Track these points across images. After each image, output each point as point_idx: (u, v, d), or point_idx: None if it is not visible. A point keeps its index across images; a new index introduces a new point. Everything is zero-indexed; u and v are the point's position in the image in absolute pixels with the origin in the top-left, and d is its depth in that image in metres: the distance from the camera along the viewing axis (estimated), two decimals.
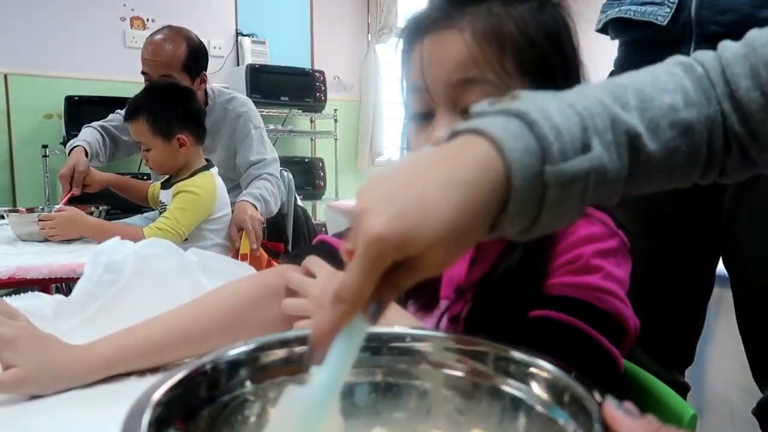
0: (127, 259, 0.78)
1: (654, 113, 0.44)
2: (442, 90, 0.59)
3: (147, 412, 0.36)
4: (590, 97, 0.43)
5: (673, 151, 0.44)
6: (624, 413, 0.33)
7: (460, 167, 0.37)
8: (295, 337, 0.49)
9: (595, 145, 0.40)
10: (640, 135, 0.42)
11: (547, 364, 0.43)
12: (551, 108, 0.40)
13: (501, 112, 0.40)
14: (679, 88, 0.45)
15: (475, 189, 0.36)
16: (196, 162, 1.67)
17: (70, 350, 0.61)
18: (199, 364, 0.43)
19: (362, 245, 0.35)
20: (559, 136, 0.39)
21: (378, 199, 0.36)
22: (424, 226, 0.35)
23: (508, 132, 0.38)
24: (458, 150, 0.39)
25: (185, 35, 1.92)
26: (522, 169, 0.37)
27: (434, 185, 0.36)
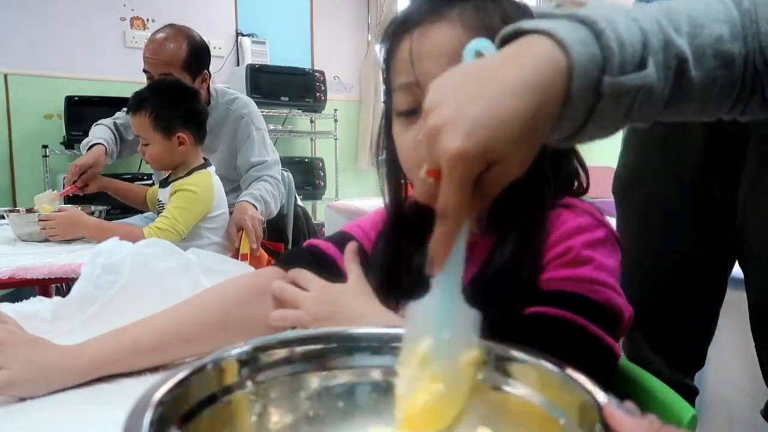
0: (126, 260, 0.78)
1: (702, 41, 0.44)
2: None
3: (148, 412, 0.36)
4: (649, 16, 0.43)
5: (713, 80, 0.45)
6: (625, 413, 0.33)
7: (529, 70, 0.38)
8: (295, 337, 0.49)
9: (650, 63, 0.41)
10: (687, 60, 0.43)
11: (548, 364, 0.43)
12: (618, 20, 0.40)
13: (569, 16, 0.41)
14: (727, 18, 0.46)
15: (544, 93, 0.38)
16: (194, 161, 1.67)
17: (59, 352, 0.60)
18: (200, 364, 0.43)
19: (446, 164, 0.37)
20: (622, 49, 0.40)
21: (452, 113, 0.37)
22: (499, 136, 0.36)
23: (576, 37, 0.39)
24: (525, 50, 0.39)
25: (187, 34, 1.92)
26: (583, 75, 0.38)
27: (506, 92, 0.37)
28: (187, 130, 1.61)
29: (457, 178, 0.37)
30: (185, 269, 0.85)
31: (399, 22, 0.63)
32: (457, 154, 0.36)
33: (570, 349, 0.50)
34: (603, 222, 0.60)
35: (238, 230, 1.75)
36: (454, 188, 0.37)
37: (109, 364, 0.61)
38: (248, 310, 0.69)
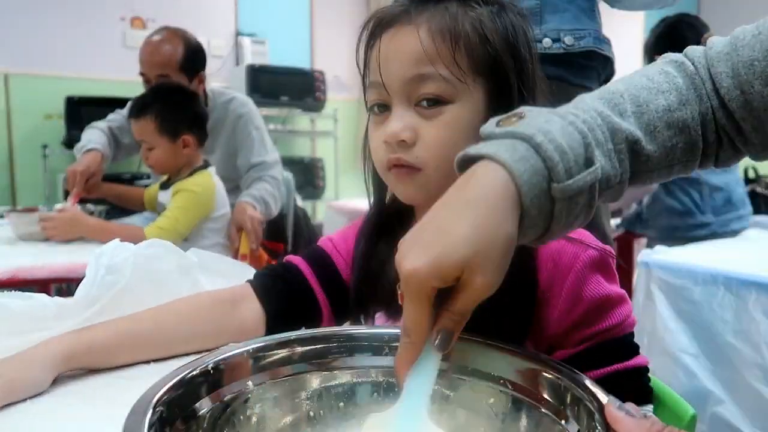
0: (128, 261, 0.78)
1: (650, 116, 0.47)
2: (398, 85, 0.60)
3: (148, 413, 0.36)
4: (589, 110, 0.45)
5: (670, 149, 0.47)
6: (625, 415, 0.33)
7: (473, 192, 0.41)
8: (296, 337, 0.49)
9: (597, 157, 0.43)
10: (639, 140, 0.46)
11: (549, 365, 0.43)
12: (554, 129, 0.43)
13: (508, 134, 0.43)
14: (672, 87, 0.48)
15: (489, 205, 0.40)
16: (195, 162, 1.68)
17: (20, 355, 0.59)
18: (200, 364, 0.43)
19: (403, 284, 0.40)
20: (564, 156, 0.42)
21: (409, 244, 0.41)
22: (449, 249, 0.39)
23: (516, 155, 0.41)
24: (472, 176, 0.42)
25: (182, 36, 1.92)
26: (530, 189, 0.41)
27: (450, 213, 0.40)
28: (191, 133, 1.62)
29: (413, 296, 0.39)
30: (185, 270, 0.85)
31: (374, 23, 0.64)
32: (408, 274, 0.39)
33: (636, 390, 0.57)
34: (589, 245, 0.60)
35: (238, 231, 1.75)
36: (410, 305, 0.40)
37: (69, 360, 0.60)
38: (216, 323, 0.68)
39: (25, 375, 0.57)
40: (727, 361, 1.39)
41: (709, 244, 1.85)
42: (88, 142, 1.90)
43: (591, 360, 0.57)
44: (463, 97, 0.60)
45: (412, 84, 0.60)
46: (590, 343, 0.58)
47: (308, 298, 0.71)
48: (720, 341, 1.41)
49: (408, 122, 0.60)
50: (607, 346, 0.58)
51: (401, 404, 0.41)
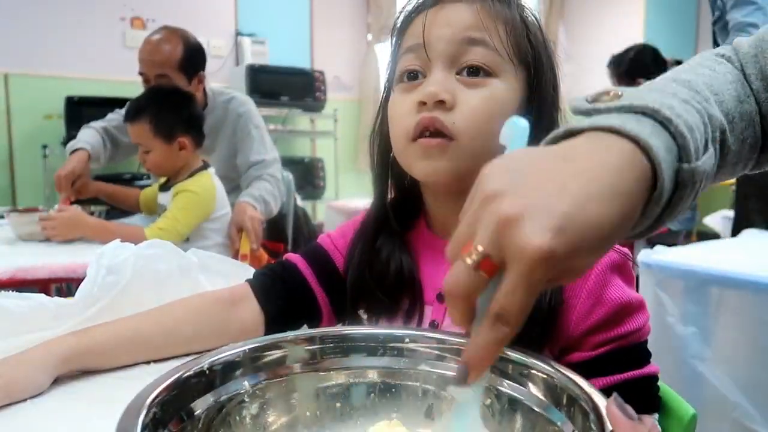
0: (128, 261, 0.78)
1: (728, 106, 0.43)
2: (445, 46, 0.60)
3: (142, 414, 0.35)
4: (683, 93, 0.41)
5: (742, 142, 0.44)
6: (625, 418, 0.33)
7: (615, 175, 0.34)
8: (291, 337, 0.49)
9: (709, 143, 0.39)
10: (725, 129, 0.42)
11: (545, 365, 0.43)
12: (674, 104, 0.38)
13: (623, 108, 0.38)
14: (736, 78, 0.45)
15: (634, 200, 0.34)
16: (194, 164, 1.68)
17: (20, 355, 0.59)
18: (195, 365, 0.43)
19: (526, 264, 0.31)
20: (692, 134, 0.37)
21: (531, 204, 0.32)
22: (588, 240, 0.32)
23: (646, 129, 0.35)
24: (600, 152, 0.35)
25: (182, 35, 1.92)
26: (668, 169, 0.35)
27: (595, 197, 0.32)
28: (187, 135, 1.62)
29: (534, 282, 0.31)
30: (185, 270, 0.85)
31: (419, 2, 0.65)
32: (542, 254, 0.30)
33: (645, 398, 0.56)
34: None
35: (239, 231, 1.75)
36: (525, 292, 0.31)
37: (69, 361, 0.60)
38: (216, 324, 0.69)
39: (25, 375, 0.57)
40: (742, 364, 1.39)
41: (709, 245, 1.85)
42: (77, 141, 1.90)
43: (607, 365, 0.56)
44: (506, 75, 0.60)
45: (461, 47, 0.60)
46: (608, 347, 0.57)
47: (307, 297, 0.71)
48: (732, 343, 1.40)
49: (448, 85, 0.59)
50: (623, 352, 0.57)
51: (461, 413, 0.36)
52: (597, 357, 0.57)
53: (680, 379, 1.48)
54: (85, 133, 1.96)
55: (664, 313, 1.53)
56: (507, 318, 0.32)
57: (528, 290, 0.31)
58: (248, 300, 0.71)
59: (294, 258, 0.74)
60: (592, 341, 0.57)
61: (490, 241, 0.32)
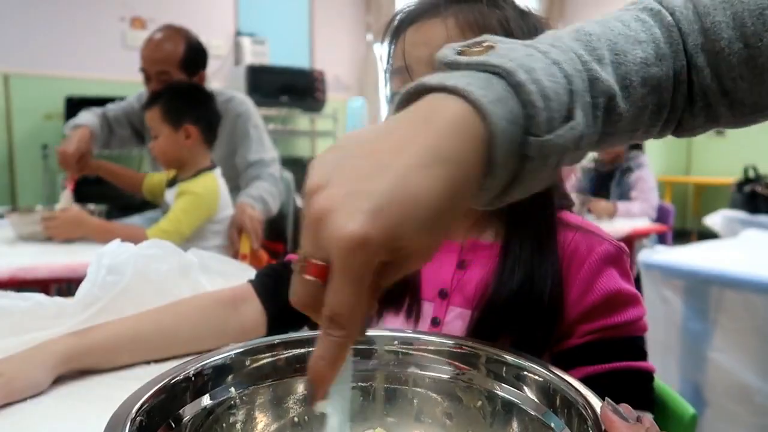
0: (129, 261, 0.78)
1: (627, 68, 0.39)
2: (423, 69, 0.60)
3: (128, 421, 0.35)
4: (567, 51, 0.37)
5: (641, 109, 0.40)
6: (620, 419, 0.33)
7: (442, 139, 0.31)
8: (280, 341, 0.48)
9: (577, 112, 0.35)
10: (615, 94, 0.38)
11: (540, 368, 0.42)
12: (537, 66, 0.34)
13: (479, 65, 0.34)
14: (650, 38, 0.40)
15: (460, 165, 0.31)
16: (201, 162, 1.68)
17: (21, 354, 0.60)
18: (183, 370, 0.42)
19: (340, 255, 0.28)
20: (547, 103, 0.33)
21: (345, 190, 0.29)
22: (409, 217, 0.28)
23: (491, 95, 0.32)
24: (434, 114, 0.32)
25: (184, 34, 1.93)
26: (504, 140, 0.32)
27: (415, 166, 0.29)
28: (195, 126, 1.62)
29: (355, 273, 0.28)
30: (185, 270, 0.85)
31: (400, 19, 0.65)
32: (355, 241, 0.27)
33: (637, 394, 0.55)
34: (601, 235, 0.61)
35: (239, 231, 1.75)
36: (349, 285, 0.28)
37: (70, 360, 0.61)
38: (217, 324, 0.69)
39: (25, 375, 0.57)
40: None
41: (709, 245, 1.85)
42: (78, 119, 1.92)
43: (595, 354, 0.56)
44: None
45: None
46: (597, 336, 0.57)
47: None
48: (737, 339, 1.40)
49: None
50: (614, 343, 0.57)
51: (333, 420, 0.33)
52: (585, 344, 0.57)
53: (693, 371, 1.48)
54: (83, 115, 1.97)
55: (669, 310, 1.53)
56: (338, 320, 0.29)
57: (353, 284, 0.28)
58: (250, 300, 0.71)
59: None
60: (581, 329, 0.57)
61: (311, 244, 0.30)
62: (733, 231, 2.48)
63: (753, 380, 1.37)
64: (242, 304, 0.70)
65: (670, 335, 1.53)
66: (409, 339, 0.49)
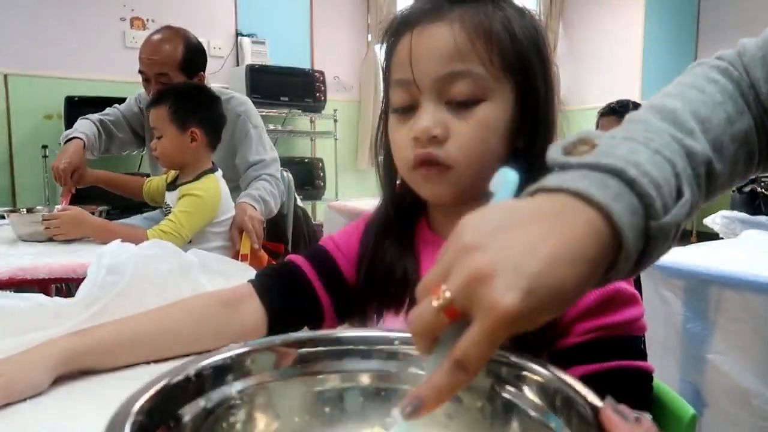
0: (129, 261, 0.78)
1: (715, 132, 0.43)
2: (430, 83, 0.61)
3: (128, 421, 0.35)
4: (662, 133, 0.42)
5: (735, 164, 0.45)
6: (621, 418, 0.33)
7: (579, 239, 0.35)
8: (280, 341, 0.48)
9: (685, 188, 0.40)
10: (711, 160, 0.42)
11: (540, 368, 0.42)
12: (642, 160, 0.39)
13: (591, 166, 0.39)
14: (727, 97, 0.45)
15: (596, 266, 0.36)
16: (203, 165, 1.67)
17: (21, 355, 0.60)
18: (183, 370, 0.42)
19: (493, 321, 0.32)
20: (659, 191, 0.38)
21: (506, 262, 0.33)
22: (553, 302, 0.34)
23: (610, 193, 0.37)
24: (567, 215, 0.37)
25: (183, 35, 1.92)
26: (631, 231, 0.36)
27: (562, 261, 0.34)
28: (201, 129, 1.62)
29: (497, 337, 0.32)
30: (186, 271, 0.85)
31: (400, 21, 0.64)
32: (509, 314, 0.32)
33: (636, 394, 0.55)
34: None
35: (239, 232, 1.75)
36: (488, 345, 0.33)
37: (69, 360, 0.60)
38: (217, 324, 0.68)
39: (25, 375, 0.57)
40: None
41: (709, 245, 1.85)
42: (73, 131, 1.89)
43: (593, 352, 0.56)
44: (496, 95, 0.61)
45: (445, 82, 0.60)
46: (594, 335, 0.57)
47: (310, 298, 0.71)
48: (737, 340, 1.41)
49: (439, 118, 0.61)
50: (611, 342, 0.57)
51: None
52: (583, 343, 0.57)
53: (692, 372, 1.48)
54: (79, 123, 1.95)
55: (669, 311, 1.53)
56: (466, 366, 0.33)
57: (491, 344, 0.33)
58: (250, 300, 0.71)
59: (297, 259, 0.74)
60: (579, 328, 0.57)
61: (459, 290, 0.34)
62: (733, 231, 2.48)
63: (752, 383, 1.37)
64: (243, 304, 0.70)
65: (670, 336, 1.52)
66: (409, 339, 0.49)
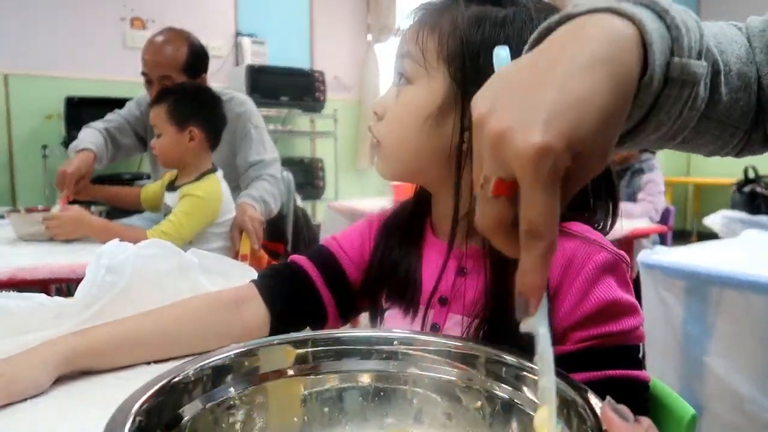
0: (128, 261, 0.78)
1: (728, 57, 0.43)
2: (395, 60, 0.67)
3: (128, 422, 0.35)
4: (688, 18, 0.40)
5: (735, 101, 0.44)
6: (620, 418, 0.33)
7: (595, 44, 0.32)
8: (280, 341, 0.48)
9: (704, 56, 0.38)
10: (720, 72, 0.41)
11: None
12: (674, 7, 0.37)
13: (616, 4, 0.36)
14: (742, 43, 0.45)
15: (619, 66, 0.33)
16: (203, 165, 1.67)
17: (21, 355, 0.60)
18: (183, 371, 0.42)
19: (529, 166, 0.30)
20: (687, 31, 0.36)
21: (516, 109, 0.31)
22: (582, 120, 0.31)
23: (641, 13, 0.34)
24: (586, 26, 0.34)
25: (186, 37, 1.92)
26: (659, 53, 0.34)
27: (575, 70, 0.31)
28: (200, 128, 1.62)
29: (546, 180, 0.30)
30: (185, 270, 0.85)
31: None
32: (539, 150, 0.29)
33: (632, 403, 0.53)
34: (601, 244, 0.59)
35: (239, 232, 1.75)
36: (542, 193, 0.30)
37: (70, 360, 0.60)
38: (219, 324, 0.69)
39: (26, 375, 0.57)
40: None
41: (709, 245, 1.85)
42: (82, 141, 1.89)
43: (588, 361, 0.56)
44: (421, 80, 0.63)
45: (397, 60, 0.66)
46: (591, 343, 0.56)
47: (313, 298, 0.71)
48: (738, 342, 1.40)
49: (388, 96, 0.66)
50: (608, 351, 0.56)
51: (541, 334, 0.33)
52: (577, 352, 0.56)
53: (691, 375, 1.48)
54: (87, 134, 1.94)
55: (668, 312, 1.53)
56: (537, 229, 0.30)
57: (545, 192, 0.30)
58: (253, 300, 0.71)
59: (300, 260, 0.74)
60: (575, 337, 0.57)
61: (494, 164, 0.32)
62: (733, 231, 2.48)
63: (746, 388, 1.37)
64: (245, 304, 0.70)
65: (669, 337, 1.52)
66: (409, 339, 0.49)
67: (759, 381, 1.36)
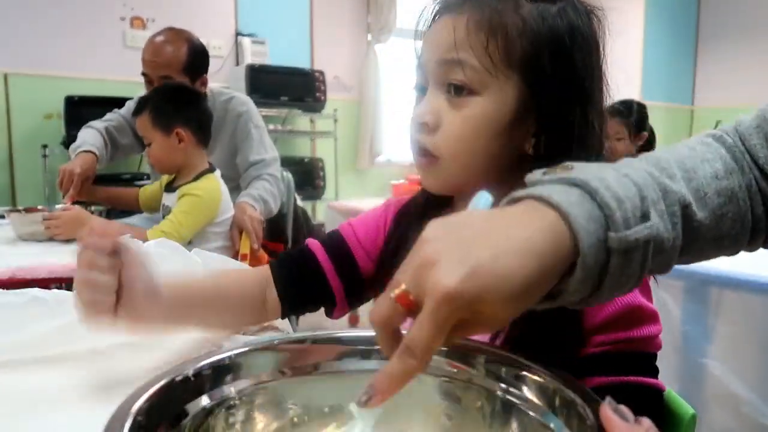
0: None
1: (699, 182, 0.45)
2: (431, 67, 0.63)
3: (128, 421, 0.35)
4: (639, 169, 0.43)
5: (720, 217, 0.45)
6: (620, 419, 0.33)
7: (532, 236, 0.36)
8: (280, 341, 0.48)
9: (652, 214, 0.40)
10: (690, 203, 0.43)
11: (540, 368, 0.42)
12: (609, 177, 0.40)
13: (558, 181, 0.40)
14: (717, 156, 0.47)
15: (547, 260, 0.36)
16: (199, 164, 1.67)
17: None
18: (183, 370, 0.42)
19: (434, 301, 0.33)
20: (621, 205, 0.39)
21: (449, 251, 0.35)
22: (496, 289, 0.34)
23: (571, 199, 0.38)
24: (526, 215, 0.38)
25: (186, 37, 1.92)
26: (588, 236, 0.37)
27: (510, 251, 0.35)
28: (186, 128, 1.61)
29: (441, 319, 0.34)
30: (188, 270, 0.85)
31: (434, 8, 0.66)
32: (450, 294, 0.33)
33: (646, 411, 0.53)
34: None
35: (239, 232, 1.75)
36: (431, 328, 0.34)
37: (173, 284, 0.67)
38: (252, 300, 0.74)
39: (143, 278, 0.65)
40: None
41: None
42: (84, 143, 1.89)
43: (606, 365, 0.56)
44: (491, 90, 0.60)
45: (443, 68, 0.61)
46: (611, 347, 0.56)
47: (321, 284, 0.74)
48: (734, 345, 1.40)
49: (435, 106, 0.62)
50: (626, 357, 0.56)
51: None
52: (598, 355, 0.56)
53: (687, 377, 1.48)
54: (87, 134, 1.94)
55: (667, 313, 1.53)
56: (413, 350, 0.34)
57: (435, 327, 0.34)
58: (271, 283, 0.75)
59: (313, 245, 0.76)
60: (596, 340, 0.57)
61: (411, 279, 0.35)
62: None
63: (742, 390, 1.37)
64: (269, 285, 0.74)
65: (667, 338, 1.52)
66: None
67: (757, 384, 1.36)
